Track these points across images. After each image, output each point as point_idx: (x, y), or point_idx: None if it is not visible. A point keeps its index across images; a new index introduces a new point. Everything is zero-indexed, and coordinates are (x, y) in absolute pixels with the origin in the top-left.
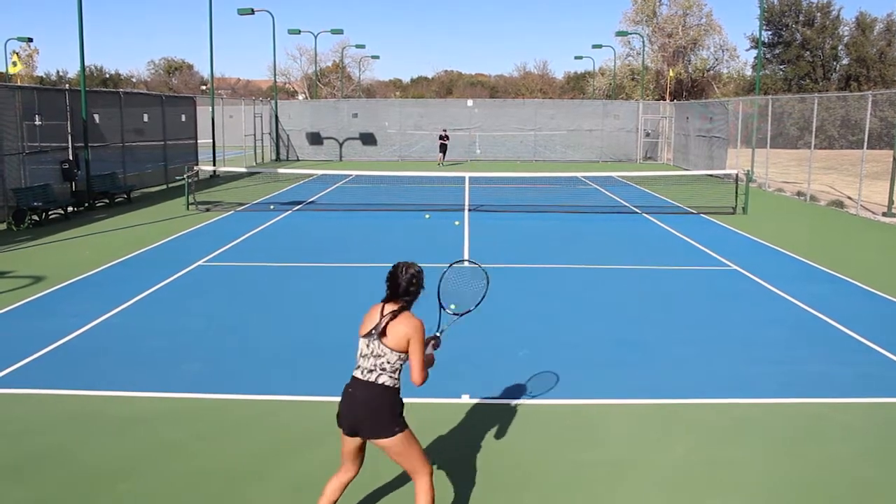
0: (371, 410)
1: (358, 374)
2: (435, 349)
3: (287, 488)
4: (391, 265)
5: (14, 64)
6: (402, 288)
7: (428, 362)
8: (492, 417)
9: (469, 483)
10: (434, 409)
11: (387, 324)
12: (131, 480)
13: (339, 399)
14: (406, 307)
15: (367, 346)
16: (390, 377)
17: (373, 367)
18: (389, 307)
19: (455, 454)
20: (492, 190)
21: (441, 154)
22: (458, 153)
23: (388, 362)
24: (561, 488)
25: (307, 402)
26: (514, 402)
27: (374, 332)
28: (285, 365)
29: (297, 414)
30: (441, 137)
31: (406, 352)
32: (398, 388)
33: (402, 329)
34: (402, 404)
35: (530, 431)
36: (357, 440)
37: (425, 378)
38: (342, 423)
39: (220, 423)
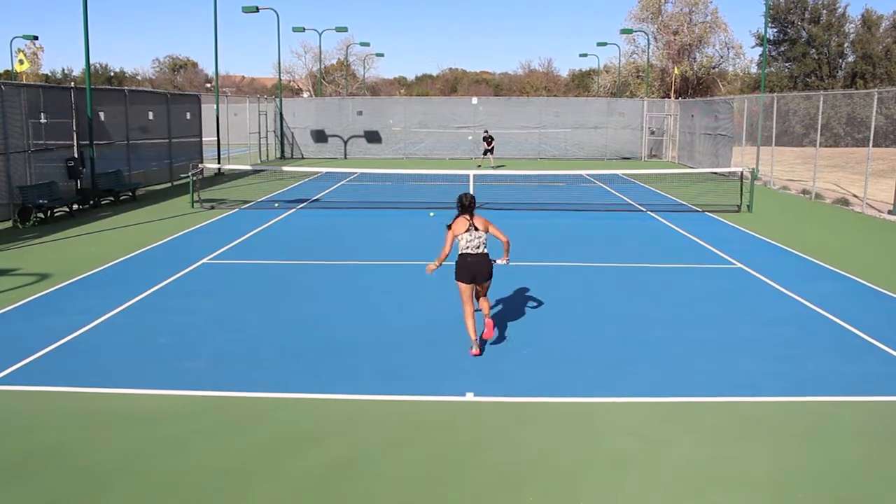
0: (486, 265)
1: (469, 251)
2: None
3: (291, 485)
4: (396, 263)
5: (21, 62)
6: (468, 205)
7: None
8: (496, 415)
9: (474, 481)
10: (439, 407)
11: (474, 221)
12: (135, 477)
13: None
14: (472, 212)
15: (470, 235)
16: (485, 247)
17: (478, 245)
18: (467, 216)
19: (460, 452)
20: (496, 188)
21: (490, 155)
22: (462, 151)
23: (483, 240)
24: (566, 486)
25: (311, 400)
26: (518, 399)
27: (471, 228)
28: (289, 362)
29: (301, 412)
30: (485, 139)
31: (487, 231)
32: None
33: (483, 221)
34: None
35: (535, 429)
36: (473, 286)
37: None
38: (466, 278)
39: (224, 421)
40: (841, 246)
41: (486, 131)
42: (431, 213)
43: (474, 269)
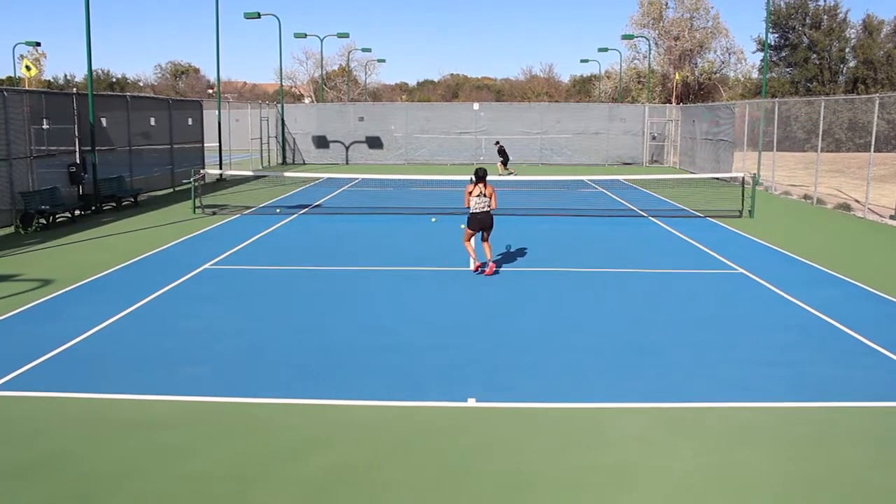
0: (490, 218)
1: (479, 209)
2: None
3: (292, 491)
4: (397, 269)
5: (28, 68)
6: (483, 176)
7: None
8: (498, 421)
9: (475, 487)
10: (441, 412)
11: (486, 187)
12: (137, 483)
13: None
14: (485, 182)
15: (480, 197)
16: (489, 206)
17: (483, 206)
18: (481, 184)
19: (461, 458)
20: (497, 193)
21: (500, 165)
22: (464, 157)
23: (487, 202)
24: (569, 492)
25: (312, 406)
26: (520, 405)
27: (480, 194)
28: (291, 368)
29: (303, 417)
30: (501, 152)
31: (491, 197)
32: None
33: (491, 188)
34: None
35: (536, 435)
36: (481, 232)
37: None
38: (475, 228)
39: (226, 426)
40: (842, 251)
41: (497, 142)
42: (433, 219)
43: (480, 223)
